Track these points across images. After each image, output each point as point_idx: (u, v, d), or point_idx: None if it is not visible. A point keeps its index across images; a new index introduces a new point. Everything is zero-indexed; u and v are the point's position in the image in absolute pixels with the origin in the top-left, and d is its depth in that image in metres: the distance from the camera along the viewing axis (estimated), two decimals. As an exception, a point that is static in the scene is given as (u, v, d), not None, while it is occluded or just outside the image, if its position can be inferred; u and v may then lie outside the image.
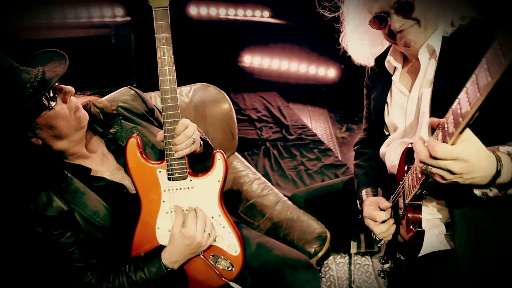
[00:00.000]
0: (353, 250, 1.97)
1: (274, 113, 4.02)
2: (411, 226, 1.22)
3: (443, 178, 0.95)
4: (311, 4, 1.66)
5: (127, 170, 1.34)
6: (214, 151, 1.37)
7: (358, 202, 1.59)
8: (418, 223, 1.22)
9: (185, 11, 4.28)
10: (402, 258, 1.37)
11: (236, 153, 2.24)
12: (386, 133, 1.58)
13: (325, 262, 2.24)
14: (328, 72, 4.42)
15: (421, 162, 0.96)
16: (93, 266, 1.29)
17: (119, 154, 1.38)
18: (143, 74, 4.17)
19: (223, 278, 1.42)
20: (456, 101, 0.85)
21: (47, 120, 1.16)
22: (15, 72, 1.10)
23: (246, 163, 2.20)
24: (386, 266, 1.52)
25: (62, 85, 1.19)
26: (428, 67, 1.33)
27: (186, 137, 1.25)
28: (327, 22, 1.62)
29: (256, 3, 4.41)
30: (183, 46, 4.23)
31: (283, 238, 1.76)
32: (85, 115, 1.26)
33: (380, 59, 1.53)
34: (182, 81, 2.12)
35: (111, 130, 1.39)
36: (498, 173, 0.94)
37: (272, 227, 1.81)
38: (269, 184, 2.06)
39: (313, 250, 1.72)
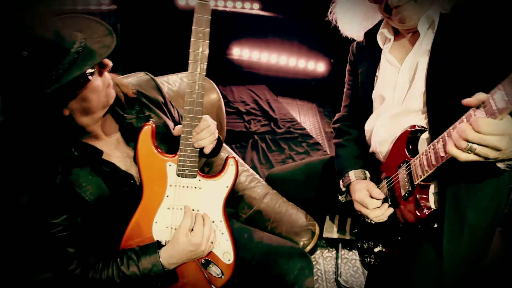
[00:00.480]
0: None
1: (262, 106, 3.97)
2: (423, 208, 1.26)
3: (486, 157, 0.93)
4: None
5: (135, 157, 1.28)
6: (228, 156, 1.35)
7: (342, 183, 1.58)
8: (427, 203, 1.26)
9: (173, 1, 4.20)
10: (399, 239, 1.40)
11: (224, 145, 2.19)
12: (374, 107, 1.56)
13: (312, 256, 2.23)
14: (318, 67, 4.40)
15: (466, 140, 0.93)
16: (82, 253, 1.23)
17: (131, 140, 1.32)
18: (129, 65, 4.10)
19: (212, 285, 1.39)
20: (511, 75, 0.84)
21: (83, 92, 1.10)
22: (60, 33, 1.02)
23: (234, 154, 2.16)
24: (377, 249, 1.52)
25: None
26: (425, 37, 1.33)
27: (210, 133, 1.24)
28: (317, 16, 1.60)
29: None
30: (172, 36, 4.18)
31: (271, 231, 1.73)
32: (112, 94, 1.21)
33: (370, 33, 1.53)
34: (170, 70, 2.06)
35: (128, 115, 1.33)
36: None
37: (260, 220, 1.78)
38: (257, 176, 2.03)
39: (301, 243, 1.69)
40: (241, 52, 4.53)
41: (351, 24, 1.55)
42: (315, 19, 4.26)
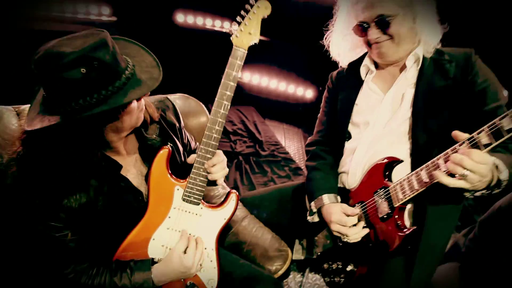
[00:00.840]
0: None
1: (249, 128, 4.08)
2: (402, 228, 1.42)
3: (472, 183, 1.15)
4: (296, 25, 1.78)
5: (147, 176, 1.36)
6: (230, 191, 1.46)
7: (314, 204, 1.68)
8: (405, 223, 1.43)
9: (172, 17, 4.30)
10: (376, 259, 1.53)
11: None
12: (352, 132, 1.70)
13: (285, 281, 2.28)
14: (306, 93, 4.53)
15: (464, 168, 1.13)
16: (79, 258, 1.29)
17: (147, 160, 1.40)
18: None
19: None
20: (497, 120, 1.11)
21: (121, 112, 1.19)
22: (117, 57, 1.11)
23: (226, 186, 2.22)
24: (349, 268, 1.63)
25: None
26: (410, 70, 1.52)
27: (222, 168, 1.36)
28: (309, 45, 1.73)
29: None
30: (169, 53, 4.24)
31: (246, 253, 1.80)
32: (142, 117, 1.30)
33: (353, 64, 1.71)
34: (166, 88, 2.13)
35: (150, 136, 1.41)
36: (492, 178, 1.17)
37: (236, 242, 1.84)
38: (238, 199, 2.10)
39: (274, 267, 1.76)
40: (233, 73, 4.62)
41: (339, 51, 1.72)
42: (306, 47, 4.39)
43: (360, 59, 1.68)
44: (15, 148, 1.20)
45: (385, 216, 1.46)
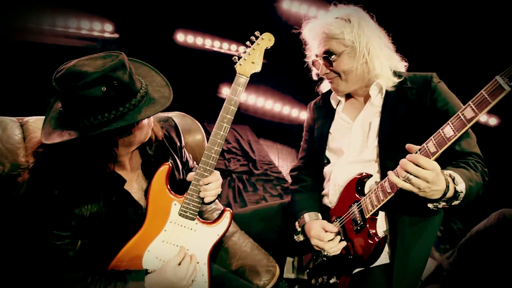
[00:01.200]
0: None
1: (243, 147, 4.15)
2: (373, 237, 1.50)
3: (418, 187, 1.20)
4: (293, 49, 1.90)
5: (147, 190, 1.43)
6: (225, 208, 1.52)
7: (297, 224, 1.77)
8: (376, 234, 1.51)
9: (172, 37, 4.41)
10: (356, 270, 1.60)
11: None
12: (330, 157, 1.80)
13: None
14: (301, 114, 4.62)
15: (407, 172, 1.21)
16: (76, 266, 1.33)
17: (149, 175, 1.46)
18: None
19: None
20: (440, 130, 1.22)
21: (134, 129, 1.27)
22: (133, 77, 1.19)
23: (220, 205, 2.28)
24: (332, 280, 1.69)
25: None
26: (375, 99, 1.62)
27: (216, 187, 1.43)
28: (305, 68, 1.85)
29: (240, 40, 4.59)
30: (169, 71, 4.31)
31: (235, 268, 1.85)
32: (150, 133, 1.38)
33: (325, 95, 1.83)
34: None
35: (153, 153, 1.48)
36: (447, 188, 1.22)
37: (227, 256, 1.89)
38: (229, 215, 2.15)
39: (262, 282, 1.81)
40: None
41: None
42: (302, 70, 4.49)
43: (331, 90, 1.78)
44: (21, 158, 1.26)
45: (358, 228, 1.54)
